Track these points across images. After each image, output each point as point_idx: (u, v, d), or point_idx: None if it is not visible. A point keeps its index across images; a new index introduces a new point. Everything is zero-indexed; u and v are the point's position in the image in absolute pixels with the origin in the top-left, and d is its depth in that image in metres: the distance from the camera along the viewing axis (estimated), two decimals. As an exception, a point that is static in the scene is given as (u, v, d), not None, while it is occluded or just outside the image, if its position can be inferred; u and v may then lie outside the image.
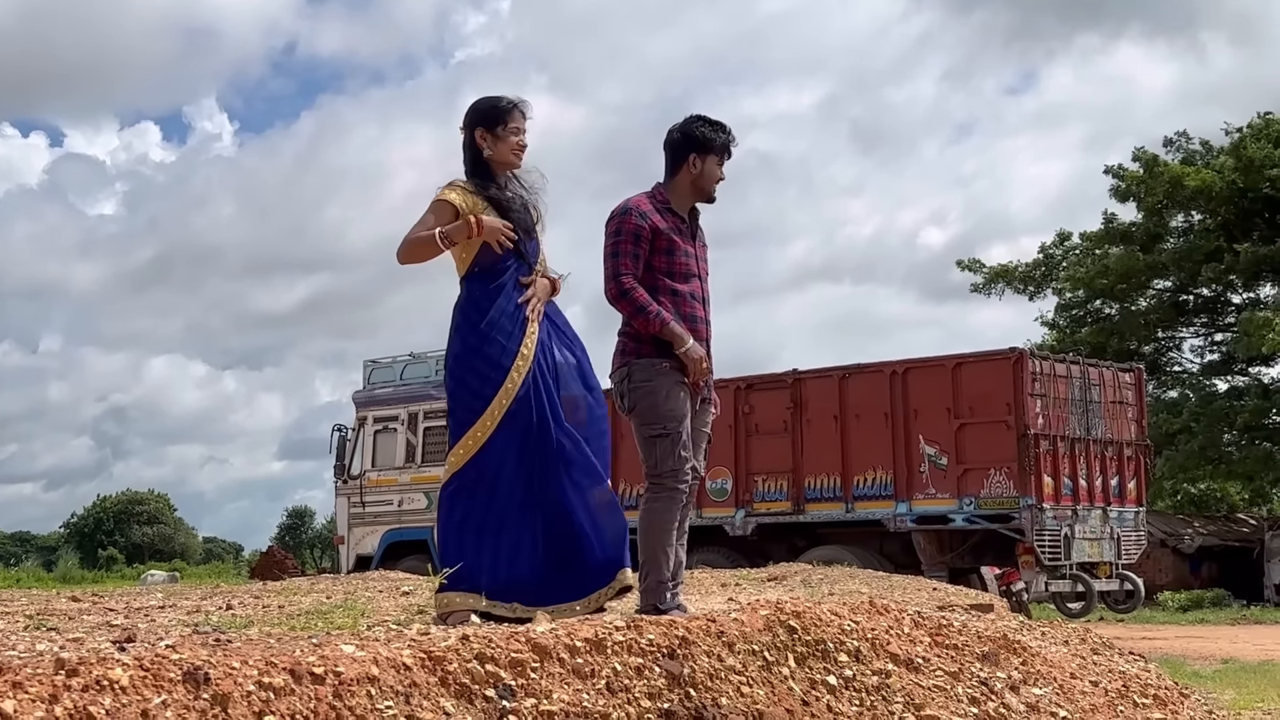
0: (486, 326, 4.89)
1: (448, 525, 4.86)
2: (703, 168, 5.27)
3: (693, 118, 5.35)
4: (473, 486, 4.82)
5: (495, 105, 5.12)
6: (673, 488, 5.07)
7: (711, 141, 5.28)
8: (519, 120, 5.10)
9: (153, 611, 6.12)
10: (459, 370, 4.93)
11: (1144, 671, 6.32)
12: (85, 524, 74.49)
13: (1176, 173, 29.09)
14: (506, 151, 5.08)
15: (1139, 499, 15.31)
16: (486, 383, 4.84)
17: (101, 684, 2.69)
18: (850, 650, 4.59)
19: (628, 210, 5.17)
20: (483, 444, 4.81)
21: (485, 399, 4.82)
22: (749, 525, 15.44)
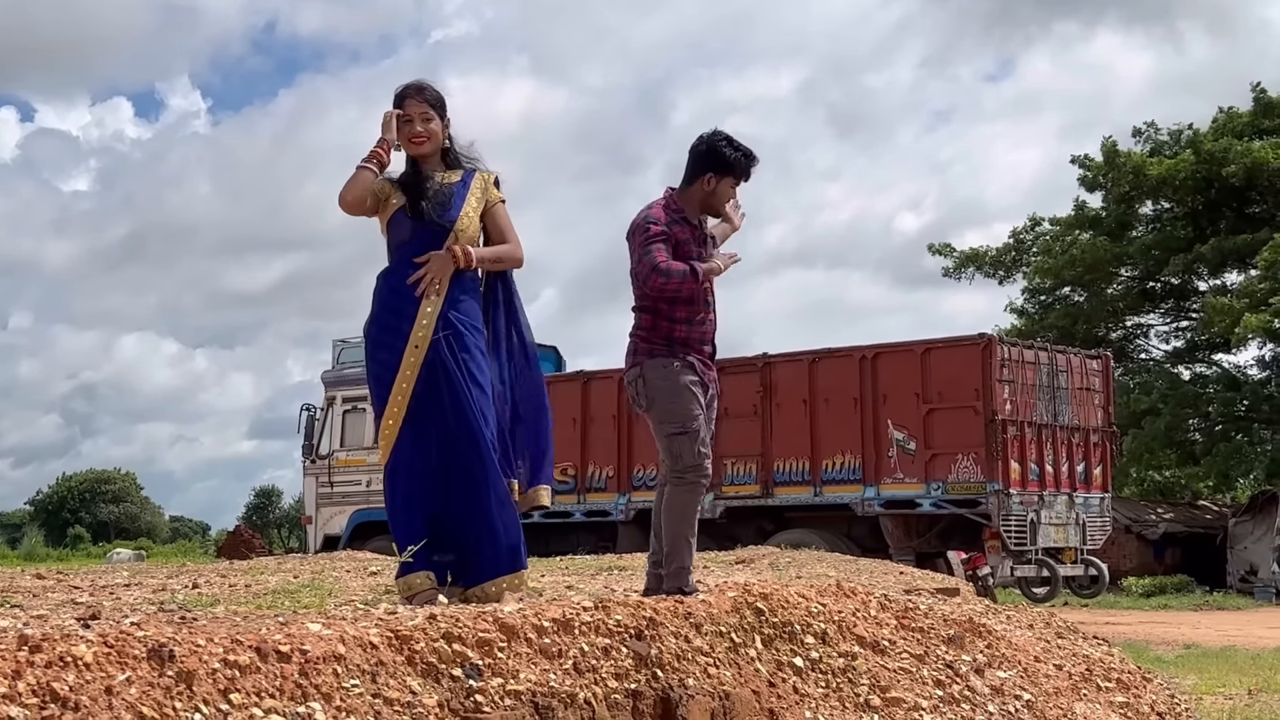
0: (381, 308, 4.89)
1: (391, 507, 4.87)
2: (716, 186, 5.42)
3: (720, 136, 5.45)
4: (402, 470, 4.82)
5: (395, 94, 5.02)
6: (694, 481, 5.28)
7: (732, 165, 5.41)
8: (410, 107, 4.95)
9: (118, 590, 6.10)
10: (366, 355, 4.97)
11: (1107, 656, 6.37)
12: (51, 501, 74.01)
13: (1138, 162, 29.26)
14: (405, 143, 4.97)
15: (1105, 485, 15.41)
16: (386, 367, 4.83)
17: (65, 660, 2.67)
18: (817, 632, 4.61)
19: (649, 221, 5.31)
20: (398, 430, 4.79)
21: (387, 384, 4.81)
22: (717, 508, 15.46)
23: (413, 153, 4.97)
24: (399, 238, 4.91)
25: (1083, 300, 31.87)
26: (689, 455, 5.23)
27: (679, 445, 5.25)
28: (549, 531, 15.77)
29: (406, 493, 4.81)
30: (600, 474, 16.26)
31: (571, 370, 17.92)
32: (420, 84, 5.01)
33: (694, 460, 5.24)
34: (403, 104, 4.96)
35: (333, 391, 18.74)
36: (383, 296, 4.90)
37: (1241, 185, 28.91)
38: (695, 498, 5.29)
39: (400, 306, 4.83)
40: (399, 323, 4.82)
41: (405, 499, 4.81)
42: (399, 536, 4.78)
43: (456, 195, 4.97)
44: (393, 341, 4.82)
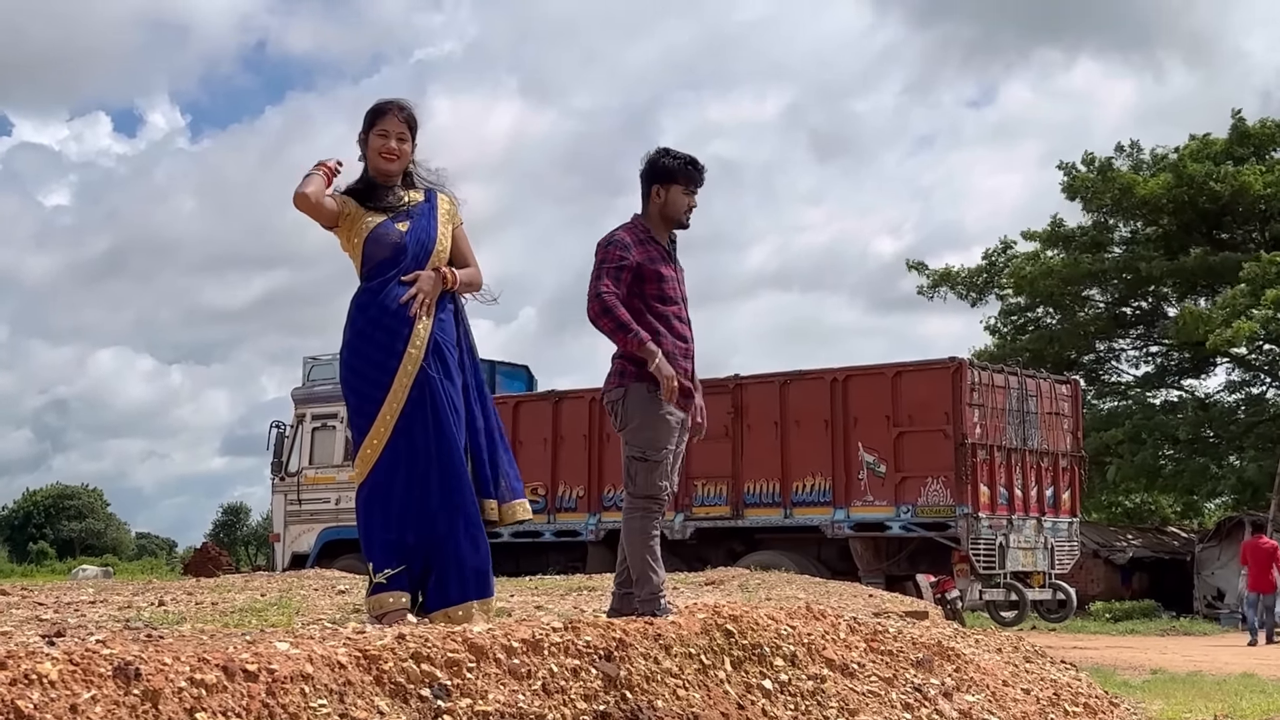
0: (369, 326, 4.80)
1: (367, 529, 4.80)
2: (667, 196, 5.49)
3: (659, 150, 5.56)
4: (380, 492, 4.76)
5: (372, 107, 5.00)
6: (645, 508, 5.30)
7: (673, 172, 5.48)
8: (389, 123, 4.94)
9: (83, 607, 6.05)
10: (349, 375, 4.85)
11: (1075, 680, 6.39)
12: (15, 517, 73.32)
13: (1128, 180, 29.54)
14: (374, 155, 4.94)
15: (1073, 510, 15.48)
16: (376, 386, 4.76)
17: (30, 678, 2.65)
18: (786, 655, 4.62)
19: (611, 243, 5.38)
20: (382, 450, 4.74)
21: (377, 402, 4.74)
22: (687, 529, 15.46)
23: (382, 168, 4.95)
24: (379, 254, 4.85)
25: (1055, 323, 32.10)
26: (644, 483, 5.27)
27: (638, 470, 5.29)
28: (519, 551, 15.74)
29: (384, 513, 4.76)
30: (570, 494, 16.23)
31: (542, 390, 17.91)
32: (402, 103, 5.00)
33: (649, 490, 5.27)
34: (383, 118, 4.94)
35: (303, 409, 18.66)
36: (372, 314, 4.81)
37: (1217, 210, 29.21)
38: (649, 523, 5.30)
39: (394, 326, 4.78)
40: (392, 341, 4.77)
41: (383, 519, 4.76)
42: (373, 555, 4.73)
43: (426, 215, 4.98)
44: (385, 360, 4.76)
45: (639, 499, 5.29)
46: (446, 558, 4.79)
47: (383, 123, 4.94)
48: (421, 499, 4.75)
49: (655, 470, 5.26)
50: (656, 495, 5.28)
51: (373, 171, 4.96)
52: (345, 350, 4.87)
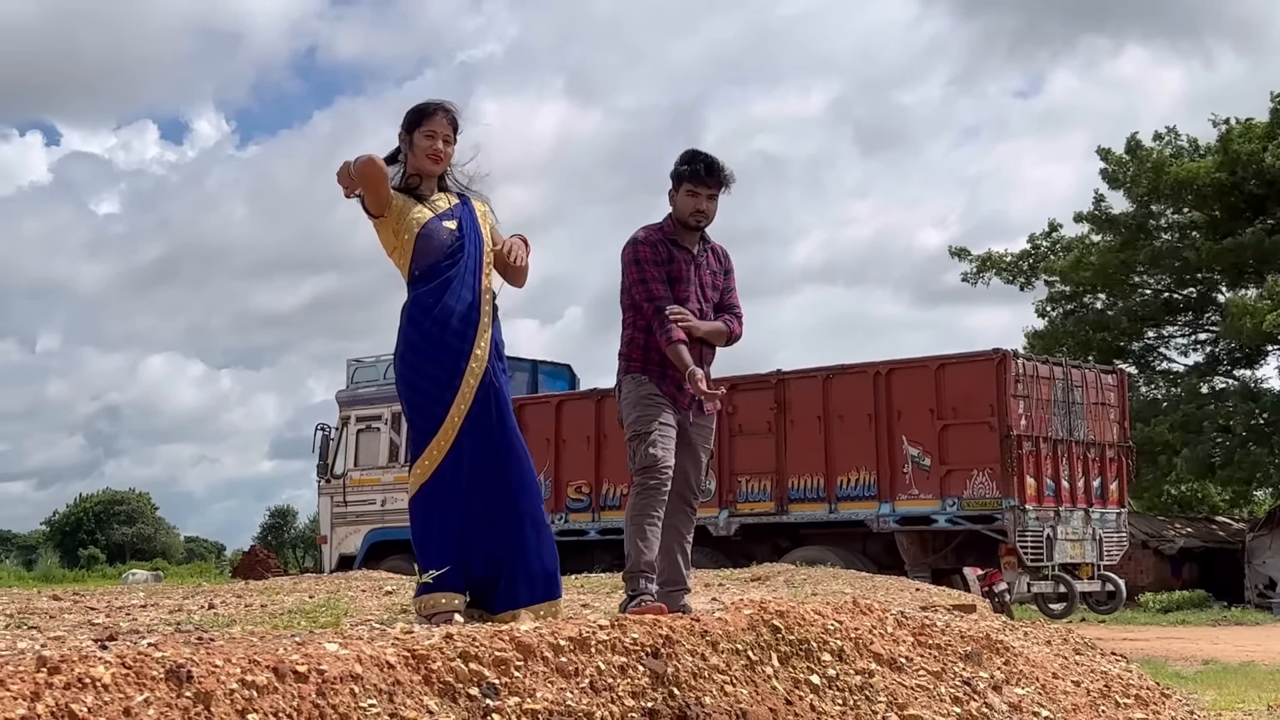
0: (435, 328, 4.76)
1: (424, 532, 4.77)
2: (676, 198, 5.64)
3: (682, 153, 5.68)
4: (442, 495, 4.74)
5: (416, 107, 4.98)
6: (642, 483, 5.38)
7: (679, 174, 5.62)
8: (436, 124, 4.93)
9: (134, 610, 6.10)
10: (413, 377, 4.79)
11: (1126, 672, 6.34)
12: (66, 523, 74.13)
13: (1161, 161, 29.24)
14: (419, 156, 4.92)
15: (1121, 500, 15.36)
16: (445, 389, 4.72)
17: (84, 682, 2.68)
18: (834, 650, 4.60)
19: (636, 243, 5.58)
20: (446, 453, 4.71)
21: (445, 404, 4.71)
22: (732, 525, 15.44)
23: (427, 169, 4.95)
24: (433, 253, 4.82)
25: (1104, 309, 31.83)
26: (641, 455, 5.36)
27: (634, 448, 5.42)
28: (564, 550, 15.70)
29: (444, 515, 4.74)
30: (614, 492, 16.22)
31: (585, 389, 17.93)
32: (448, 104, 4.99)
33: (645, 461, 5.34)
34: (430, 119, 4.93)
35: (347, 411, 18.77)
36: (438, 316, 4.76)
37: (1262, 195, 28.87)
38: (648, 499, 5.35)
39: (461, 328, 4.78)
40: (460, 344, 4.76)
41: (442, 521, 4.74)
42: (427, 556, 4.71)
43: (469, 216, 5.00)
44: (454, 363, 4.74)
45: (636, 474, 5.39)
46: (515, 561, 4.81)
47: (430, 124, 4.93)
48: (487, 503, 4.76)
49: (646, 441, 5.36)
50: (653, 466, 5.33)
51: (414, 171, 4.96)
52: (409, 353, 4.81)
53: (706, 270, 5.67)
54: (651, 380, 5.47)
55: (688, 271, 5.57)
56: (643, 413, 5.42)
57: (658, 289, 5.47)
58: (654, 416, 5.40)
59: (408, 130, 4.96)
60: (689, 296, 5.55)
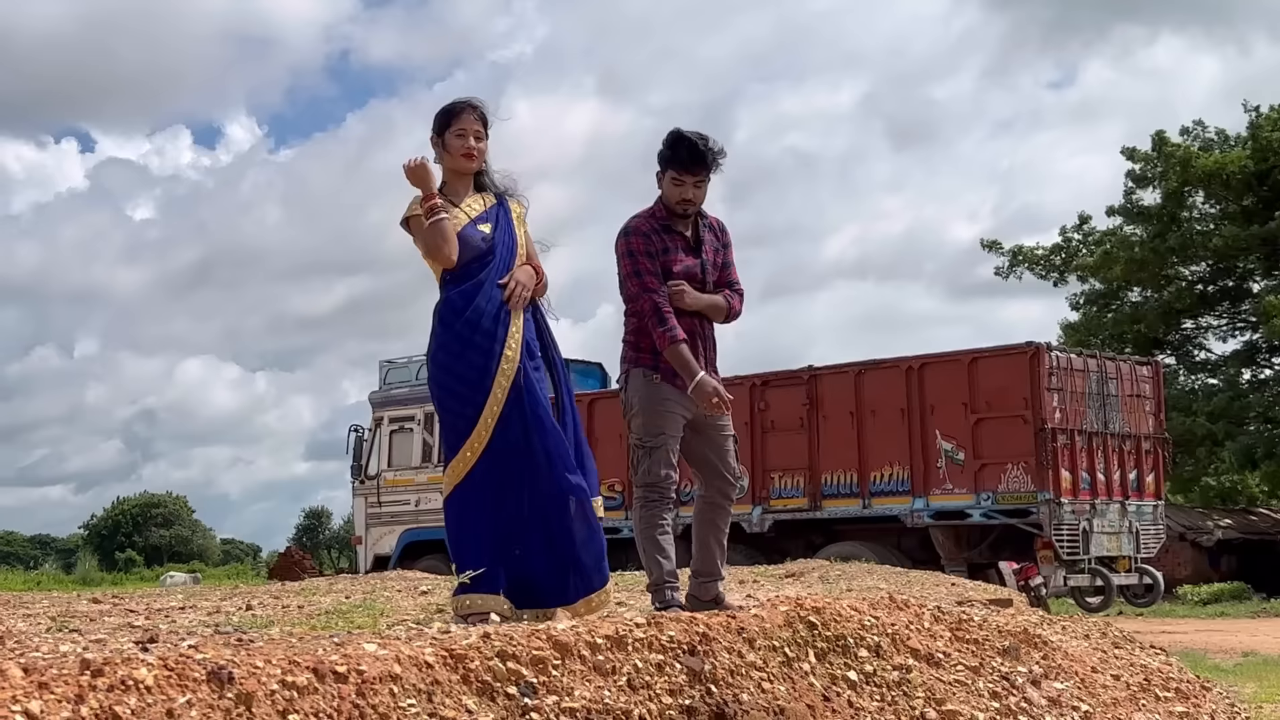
0: (466, 329, 4.75)
1: (459, 533, 4.76)
2: (662, 181, 5.41)
3: (668, 133, 5.42)
4: (478, 495, 4.73)
5: (445, 108, 4.96)
6: (654, 498, 5.24)
7: (663, 159, 5.39)
8: (466, 122, 4.91)
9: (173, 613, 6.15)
10: (444, 378, 4.79)
11: (1165, 665, 6.31)
12: (104, 526, 74.68)
13: (1187, 155, 29.03)
14: (453, 156, 4.91)
15: (1158, 492, 15.27)
16: (476, 389, 4.72)
17: (126, 684, 2.70)
18: (870, 646, 4.59)
19: (630, 232, 5.33)
20: (481, 453, 4.71)
21: (477, 405, 4.71)
22: (766, 522, 15.43)
23: (464, 168, 4.94)
24: (467, 256, 4.83)
25: (1139, 302, 31.64)
26: (644, 471, 5.21)
27: (639, 459, 5.24)
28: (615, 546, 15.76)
29: (479, 514, 4.74)
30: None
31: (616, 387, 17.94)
32: (475, 101, 4.98)
33: (649, 478, 5.20)
34: (459, 118, 4.92)
35: (380, 412, 18.84)
36: (469, 317, 4.77)
37: None
38: (653, 513, 5.23)
39: (491, 328, 4.78)
40: (490, 344, 4.76)
41: (478, 520, 4.73)
42: (463, 556, 4.71)
43: (504, 218, 4.99)
44: (485, 363, 4.74)
45: (640, 488, 5.23)
46: (562, 556, 4.81)
47: (460, 122, 4.91)
48: (522, 501, 4.75)
49: (653, 456, 5.19)
50: (657, 483, 5.20)
51: (450, 172, 4.95)
52: (440, 353, 4.81)
53: (709, 248, 5.44)
54: (664, 377, 5.25)
55: (685, 259, 5.34)
56: (651, 421, 5.22)
57: (651, 281, 5.23)
58: (662, 428, 5.20)
59: (438, 133, 4.95)
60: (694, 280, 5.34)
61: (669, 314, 5.22)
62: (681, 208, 5.36)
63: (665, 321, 5.19)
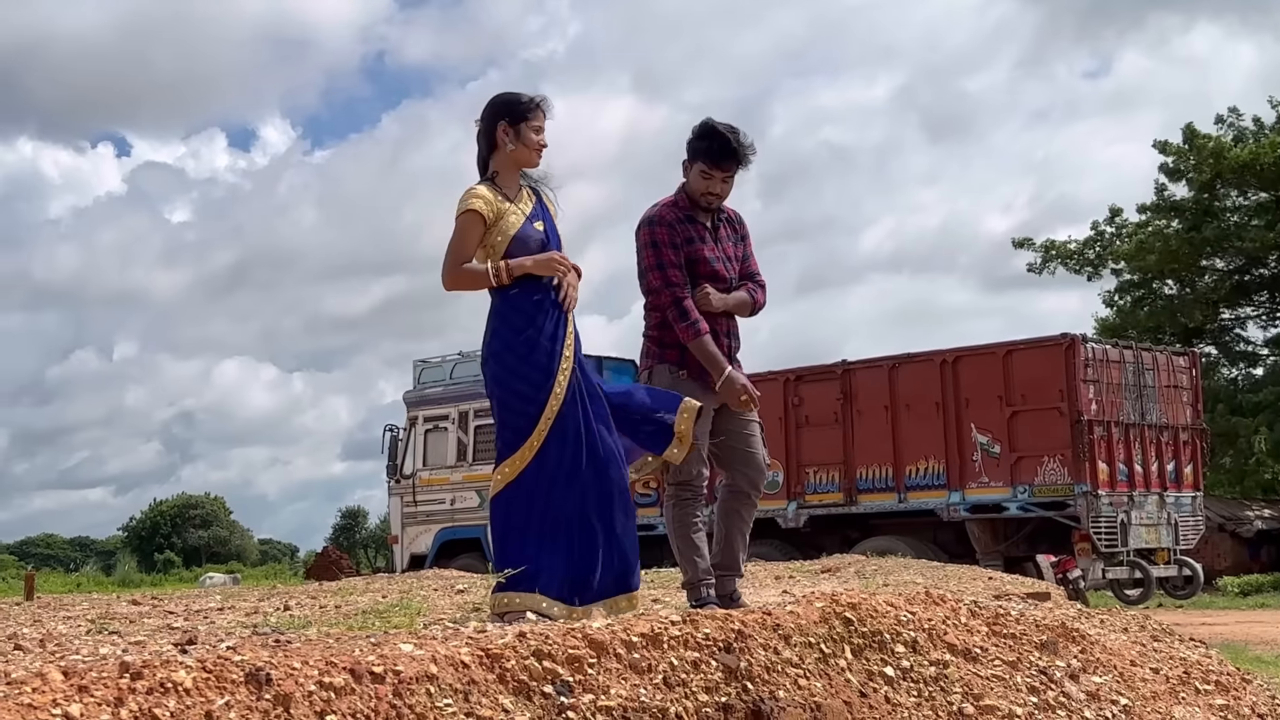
0: (533, 332, 4.78)
1: (505, 530, 4.79)
2: (690, 174, 5.37)
3: (699, 123, 5.38)
4: (528, 493, 4.76)
5: (520, 100, 4.96)
6: (687, 496, 5.24)
7: (694, 149, 5.35)
8: (541, 119, 4.95)
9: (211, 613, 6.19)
10: (508, 379, 4.80)
11: (1205, 658, 6.26)
12: (143, 528, 75.31)
13: (1220, 147, 28.78)
14: (527, 151, 4.93)
15: (1196, 484, 15.16)
16: (539, 389, 4.75)
17: (166, 686, 2.72)
18: (907, 641, 4.58)
19: (654, 222, 5.30)
20: (536, 453, 4.74)
21: (539, 404, 4.74)
22: (801, 517, 15.41)
23: (531, 163, 4.97)
24: (530, 248, 4.86)
25: (1174, 294, 31.40)
26: (676, 470, 5.19)
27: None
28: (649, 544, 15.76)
29: (526, 513, 4.75)
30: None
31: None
32: (546, 99, 5.01)
33: (683, 475, 5.20)
34: (535, 113, 4.94)
35: (415, 411, 18.90)
36: (533, 317, 4.80)
37: None
38: (685, 511, 5.22)
39: (554, 330, 4.82)
40: (553, 345, 4.80)
41: (523, 519, 4.75)
42: (505, 554, 4.73)
43: (547, 215, 5.03)
44: (549, 364, 4.77)
45: (672, 485, 5.22)
46: (608, 553, 4.82)
47: (536, 118, 4.94)
48: (580, 497, 4.78)
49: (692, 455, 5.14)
50: (690, 481, 5.20)
51: (510, 162, 4.94)
52: (507, 355, 4.81)
53: (728, 241, 5.41)
54: (690, 374, 5.23)
55: (708, 248, 5.31)
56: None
57: (674, 275, 5.21)
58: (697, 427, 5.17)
59: (512, 121, 4.92)
60: (714, 273, 5.31)
61: (691, 308, 5.20)
62: (706, 201, 5.33)
63: (687, 315, 5.18)
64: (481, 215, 4.80)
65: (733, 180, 5.36)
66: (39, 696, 2.57)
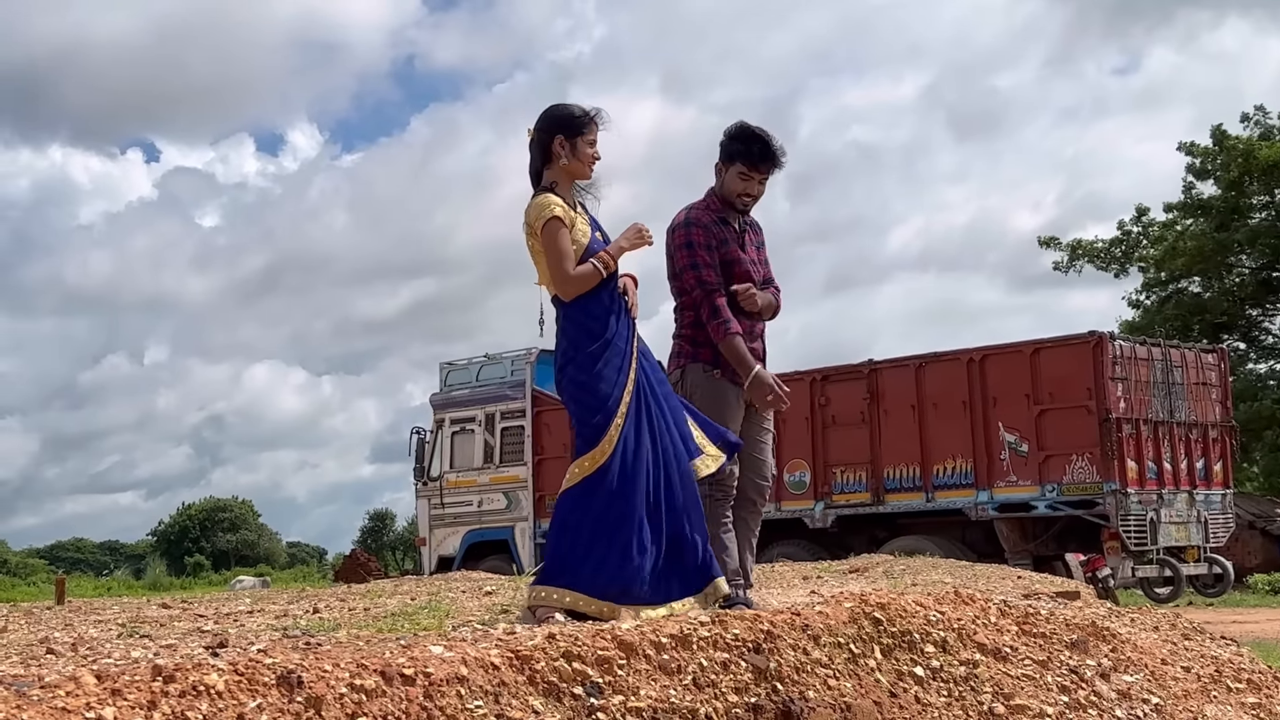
0: (611, 337, 4.87)
1: (563, 525, 4.82)
2: (724, 175, 5.43)
3: (729, 128, 5.43)
4: (601, 491, 4.79)
5: (577, 114, 5.02)
6: (720, 496, 5.23)
7: (733, 152, 5.40)
8: (595, 132, 5.01)
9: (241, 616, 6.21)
10: (587, 381, 4.86)
11: (1236, 656, 6.22)
12: (172, 531, 75.69)
13: (1249, 147, 28.61)
14: (583, 164, 4.99)
15: (1226, 481, 15.06)
16: (609, 398, 4.81)
17: (198, 689, 2.74)
18: (937, 641, 4.56)
19: (691, 224, 5.36)
20: (608, 455, 4.79)
21: (611, 413, 4.80)
22: (829, 517, 15.38)
23: (585, 176, 5.03)
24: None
25: (1201, 292, 31.23)
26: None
27: None
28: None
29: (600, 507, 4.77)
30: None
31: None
32: (602, 112, 5.05)
33: (718, 474, 5.15)
34: (592, 127, 4.99)
35: (441, 414, 18.95)
36: (609, 325, 4.88)
37: None
38: (719, 511, 5.24)
39: (626, 336, 4.91)
40: (626, 346, 4.89)
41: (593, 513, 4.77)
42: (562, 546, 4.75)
43: (596, 221, 5.09)
44: (618, 376, 4.84)
45: (705, 484, 5.18)
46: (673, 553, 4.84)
47: (592, 132, 4.99)
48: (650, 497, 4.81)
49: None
50: (723, 480, 5.20)
51: (566, 175, 4.98)
52: (588, 360, 4.86)
53: (752, 246, 5.50)
54: (725, 374, 5.30)
55: (739, 251, 5.39)
56: (720, 418, 5.22)
57: (709, 275, 5.29)
58: (727, 423, 5.23)
59: (568, 135, 4.97)
60: (747, 274, 5.39)
61: (725, 307, 5.27)
62: (743, 202, 5.41)
63: (719, 314, 5.24)
64: (563, 220, 4.87)
65: (766, 183, 5.44)
66: (73, 700, 2.59)
